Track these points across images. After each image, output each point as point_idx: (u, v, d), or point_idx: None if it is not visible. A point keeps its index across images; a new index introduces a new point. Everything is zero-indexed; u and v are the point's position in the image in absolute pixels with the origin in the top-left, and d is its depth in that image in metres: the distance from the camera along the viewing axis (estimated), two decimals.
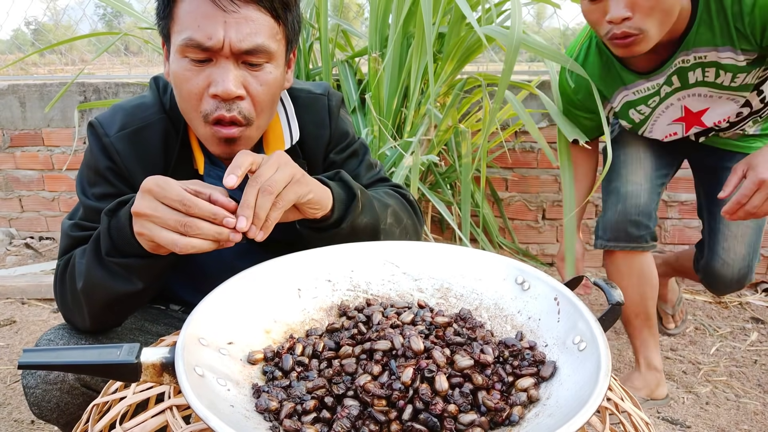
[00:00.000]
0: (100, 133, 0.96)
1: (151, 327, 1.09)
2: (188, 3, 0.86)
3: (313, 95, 1.11)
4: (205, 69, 0.88)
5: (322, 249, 0.84)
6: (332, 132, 1.12)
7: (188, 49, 0.86)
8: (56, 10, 3.58)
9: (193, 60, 0.87)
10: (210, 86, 0.87)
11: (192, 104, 0.90)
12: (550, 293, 0.72)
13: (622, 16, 1.15)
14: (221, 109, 0.88)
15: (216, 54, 0.86)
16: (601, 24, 1.21)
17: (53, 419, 0.92)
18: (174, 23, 0.88)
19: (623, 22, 1.16)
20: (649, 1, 1.14)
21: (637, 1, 1.14)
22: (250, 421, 0.58)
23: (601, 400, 0.53)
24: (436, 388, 0.59)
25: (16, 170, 2.93)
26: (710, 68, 1.31)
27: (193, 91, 0.88)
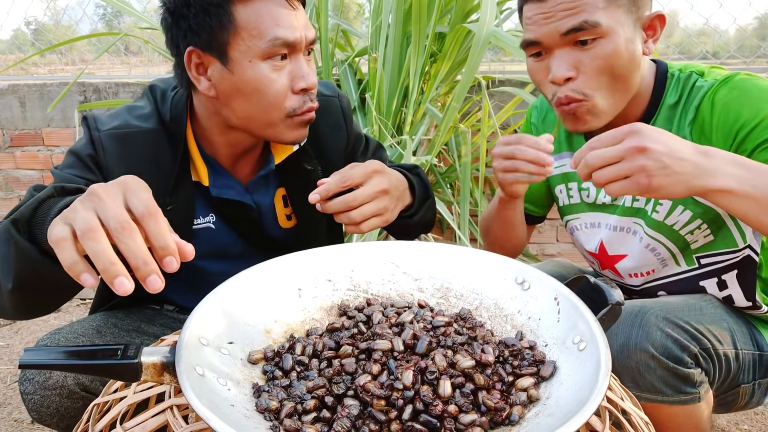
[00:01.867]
0: (92, 126, 0.97)
1: (147, 328, 1.09)
2: (257, 7, 0.89)
3: (326, 97, 1.14)
4: (285, 68, 0.92)
5: (323, 249, 0.84)
6: (349, 134, 1.17)
7: (275, 48, 0.89)
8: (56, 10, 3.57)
9: (277, 61, 0.91)
10: (294, 82, 0.93)
11: (278, 105, 0.93)
12: (550, 293, 0.73)
13: (564, 76, 0.93)
14: (308, 102, 0.95)
15: (295, 50, 0.92)
16: (546, 85, 0.98)
17: (53, 424, 0.92)
18: (238, 30, 0.88)
19: (566, 83, 0.94)
20: (596, 60, 0.91)
21: (582, 60, 0.92)
22: (251, 420, 0.58)
23: (601, 399, 0.53)
24: (440, 393, 0.59)
25: (16, 170, 2.93)
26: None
27: (281, 91, 0.92)
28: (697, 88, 0.97)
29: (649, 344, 0.91)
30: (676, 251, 1.05)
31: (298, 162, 1.09)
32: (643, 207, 1.05)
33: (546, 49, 0.95)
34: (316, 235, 1.15)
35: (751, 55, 2.76)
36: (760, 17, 2.87)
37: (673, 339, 0.92)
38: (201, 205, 1.05)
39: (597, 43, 0.91)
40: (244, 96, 0.92)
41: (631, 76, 0.95)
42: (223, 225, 1.08)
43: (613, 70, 0.92)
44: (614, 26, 0.90)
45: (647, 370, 0.92)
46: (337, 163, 1.14)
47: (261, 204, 1.10)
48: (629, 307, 0.96)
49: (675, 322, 0.93)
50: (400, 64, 1.97)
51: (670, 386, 0.93)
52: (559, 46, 0.93)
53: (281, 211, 1.14)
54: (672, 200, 1.00)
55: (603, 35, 0.91)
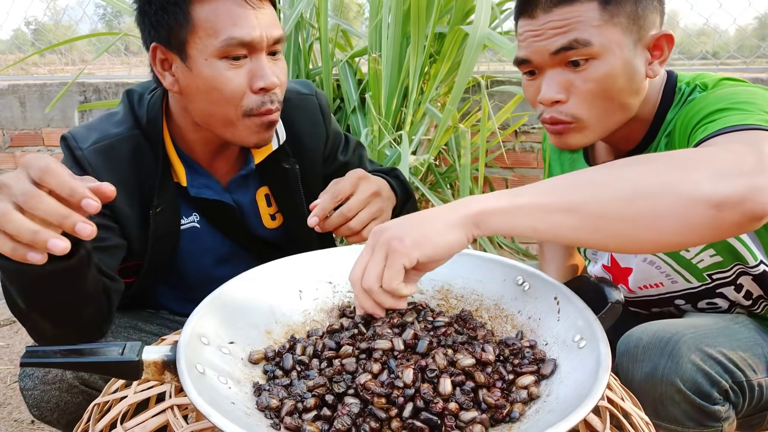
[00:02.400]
0: (73, 146, 0.96)
1: (144, 326, 1.10)
2: (214, 5, 0.88)
3: (303, 95, 1.14)
4: (243, 67, 0.91)
5: (323, 251, 0.84)
6: (328, 132, 1.17)
7: (230, 48, 0.88)
8: (56, 10, 3.58)
9: (232, 60, 0.89)
10: (253, 82, 0.91)
11: (234, 103, 0.91)
12: (550, 293, 0.73)
13: (552, 99, 0.87)
14: (267, 103, 0.93)
15: (253, 49, 0.90)
16: (536, 104, 0.93)
17: (53, 420, 0.92)
18: (195, 29, 0.88)
19: (554, 105, 0.89)
20: (587, 83, 0.85)
21: (574, 82, 0.86)
22: (251, 418, 0.58)
23: (601, 395, 0.53)
24: (440, 391, 0.59)
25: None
26: None
27: (237, 90, 0.91)
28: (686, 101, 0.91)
29: (677, 378, 0.84)
30: (679, 268, 1.00)
31: (278, 161, 1.09)
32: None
33: (537, 68, 0.90)
34: (305, 233, 1.14)
35: (751, 55, 2.76)
36: (760, 17, 2.88)
37: (704, 373, 0.85)
38: (184, 205, 1.05)
39: (589, 65, 0.85)
40: (202, 93, 0.92)
41: (629, 99, 0.88)
42: (207, 224, 1.08)
43: (606, 93, 0.86)
44: (609, 46, 0.84)
45: (671, 402, 0.86)
46: (316, 161, 1.15)
47: (241, 203, 1.10)
48: (660, 332, 0.89)
49: (708, 353, 0.87)
50: (400, 64, 1.97)
51: (693, 420, 0.87)
52: (550, 66, 0.88)
53: (265, 210, 1.13)
54: None
55: (596, 56, 0.84)
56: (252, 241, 1.13)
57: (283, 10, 2.18)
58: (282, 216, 1.15)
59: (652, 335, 0.89)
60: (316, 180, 1.16)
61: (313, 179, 1.15)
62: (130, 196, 0.97)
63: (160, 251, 1.02)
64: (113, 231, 0.96)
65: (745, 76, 2.34)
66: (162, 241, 1.01)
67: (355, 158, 1.24)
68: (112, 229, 0.96)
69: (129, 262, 1.01)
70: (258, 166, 1.08)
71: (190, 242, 1.07)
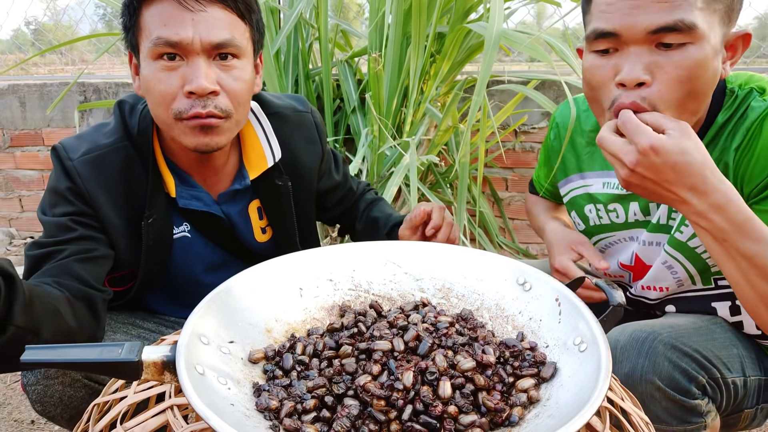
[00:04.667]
0: (63, 156, 0.96)
1: (141, 323, 1.11)
2: (154, 9, 0.90)
3: (300, 112, 1.16)
4: (178, 70, 0.90)
5: (324, 248, 0.84)
6: (324, 150, 1.19)
7: (158, 48, 0.89)
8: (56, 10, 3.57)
9: (165, 61, 0.90)
10: (184, 85, 0.90)
11: (165, 105, 0.91)
12: (552, 294, 0.72)
13: (638, 79, 0.77)
14: (196, 107, 0.90)
15: (187, 52, 0.89)
16: (607, 87, 0.82)
17: (57, 415, 0.92)
18: (142, 32, 0.91)
19: (637, 88, 0.79)
20: (679, 69, 0.76)
21: (663, 66, 0.77)
22: (251, 419, 0.58)
23: (601, 401, 0.53)
24: (440, 394, 0.59)
25: (16, 170, 2.93)
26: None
27: (166, 92, 0.90)
28: (751, 108, 0.85)
29: (655, 376, 0.86)
30: (694, 272, 0.99)
31: (272, 177, 1.10)
32: (667, 224, 0.98)
33: (620, 45, 0.80)
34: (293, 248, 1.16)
35: (751, 55, 2.76)
36: (760, 17, 2.87)
37: (681, 369, 0.87)
38: (175, 215, 1.06)
39: (685, 49, 0.76)
40: (148, 95, 0.94)
41: (706, 96, 0.81)
42: (197, 234, 1.09)
43: (693, 83, 0.77)
44: (707, 33, 0.76)
45: (652, 401, 0.87)
46: (311, 178, 1.17)
47: (231, 214, 1.10)
48: (637, 333, 0.90)
49: (684, 351, 0.88)
50: (400, 64, 1.97)
51: (676, 417, 0.88)
52: (638, 44, 0.78)
53: (257, 223, 1.14)
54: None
55: (694, 40, 0.76)
56: (243, 250, 1.14)
57: (283, 10, 2.18)
58: (272, 230, 1.16)
59: (629, 336, 0.90)
60: (309, 197, 1.18)
61: (305, 196, 1.17)
62: (120, 206, 0.98)
63: (154, 260, 1.03)
64: (100, 242, 0.96)
65: None
66: (155, 250, 1.02)
67: (342, 176, 1.27)
68: (98, 240, 0.96)
69: (121, 271, 1.02)
70: (252, 181, 1.09)
71: (181, 251, 1.08)
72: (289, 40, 2.15)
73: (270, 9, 2.10)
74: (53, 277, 0.87)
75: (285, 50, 2.16)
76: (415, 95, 1.98)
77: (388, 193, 1.79)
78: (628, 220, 1.04)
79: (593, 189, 1.07)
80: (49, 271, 0.89)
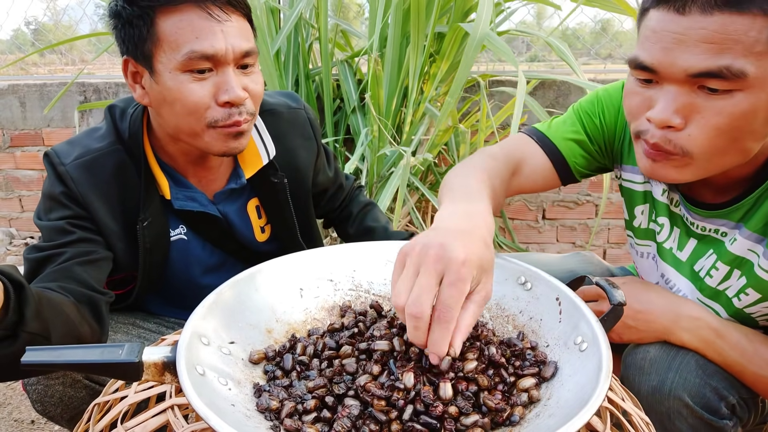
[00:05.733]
0: (55, 161, 0.96)
1: (142, 323, 1.11)
2: (177, 19, 0.88)
3: (293, 109, 1.16)
4: (208, 79, 0.90)
5: (324, 249, 0.84)
6: (318, 145, 1.20)
7: (192, 62, 0.88)
8: (56, 10, 3.57)
9: (196, 73, 0.89)
10: (218, 95, 0.91)
11: (197, 115, 0.91)
12: (552, 293, 0.72)
13: (667, 122, 0.71)
14: (234, 116, 0.92)
15: (219, 63, 0.90)
16: (640, 117, 0.76)
17: (57, 415, 0.92)
18: (160, 42, 0.89)
19: (665, 130, 0.73)
20: (719, 117, 0.68)
21: (701, 110, 0.69)
22: (251, 420, 0.58)
23: (602, 401, 0.53)
24: (440, 395, 0.59)
25: (16, 170, 2.93)
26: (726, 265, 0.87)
27: (200, 103, 0.91)
28: None
29: (685, 392, 0.81)
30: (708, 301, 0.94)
31: (267, 175, 1.10)
32: (716, 287, 0.90)
33: (659, 79, 0.72)
34: (293, 245, 1.16)
35: None
36: None
37: (712, 387, 0.82)
38: (171, 217, 1.06)
39: (730, 96, 0.68)
40: (168, 105, 0.92)
41: (753, 144, 0.72)
42: (194, 236, 1.09)
43: (735, 133, 0.69)
44: (763, 80, 0.66)
45: (678, 417, 0.82)
46: (306, 174, 1.17)
47: (228, 213, 1.11)
48: (668, 345, 0.86)
49: (716, 368, 0.84)
50: (400, 64, 1.97)
51: None
52: (677, 84, 0.70)
53: (256, 222, 1.15)
54: (762, 294, 0.85)
55: (744, 88, 0.67)
56: (242, 250, 1.14)
57: (283, 10, 2.18)
58: (271, 228, 1.16)
59: (660, 348, 0.87)
60: (306, 192, 1.18)
61: (302, 192, 1.17)
62: (114, 209, 0.98)
63: (152, 263, 1.03)
64: (99, 244, 0.97)
65: None
66: (152, 253, 1.02)
67: (333, 172, 1.28)
68: (97, 242, 0.96)
69: (120, 274, 1.02)
70: (248, 179, 1.09)
71: (178, 253, 1.08)
72: (289, 40, 2.15)
73: (270, 9, 2.10)
74: (56, 282, 0.87)
75: (285, 50, 2.16)
76: (414, 95, 1.98)
77: (388, 193, 1.79)
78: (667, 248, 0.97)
79: (651, 188, 0.98)
80: (51, 275, 0.89)
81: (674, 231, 0.95)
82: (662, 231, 0.96)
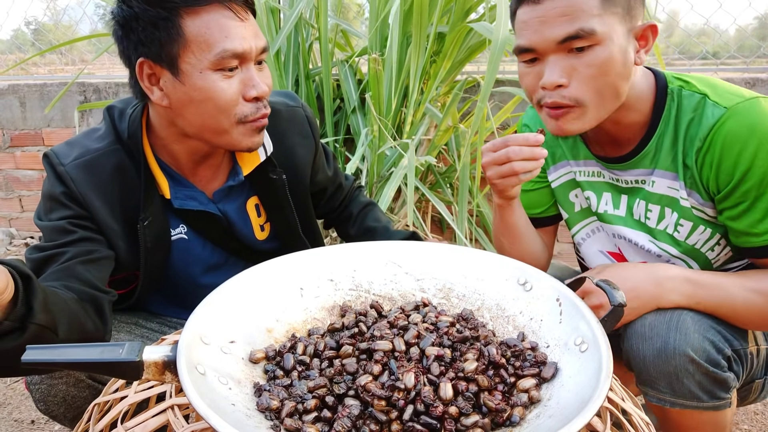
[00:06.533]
0: (54, 162, 0.96)
1: (145, 323, 1.11)
2: (205, 19, 0.89)
3: (291, 107, 1.18)
4: (235, 77, 0.93)
5: (325, 248, 0.84)
6: (317, 144, 1.20)
7: (224, 60, 0.90)
8: (56, 10, 3.57)
9: (226, 71, 0.91)
10: (246, 91, 0.94)
11: (227, 112, 0.93)
12: (552, 294, 0.73)
13: (555, 83, 0.91)
14: (261, 109, 0.96)
15: (245, 60, 0.93)
16: (535, 90, 0.96)
17: (60, 414, 0.93)
18: (188, 43, 0.89)
19: (557, 89, 0.92)
20: (590, 68, 0.89)
21: (576, 67, 0.90)
22: (251, 419, 0.58)
23: (602, 401, 0.53)
24: (441, 395, 0.59)
25: (16, 170, 2.93)
26: (656, 205, 1.02)
27: (231, 100, 0.93)
28: (706, 116, 0.93)
29: (689, 348, 0.88)
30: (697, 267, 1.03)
31: (265, 171, 1.11)
32: (656, 227, 1.03)
33: (540, 55, 0.93)
34: (294, 241, 1.16)
35: (751, 55, 2.76)
36: (760, 17, 2.88)
37: (710, 341, 0.90)
38: (171, 217, 1.06)
39: (592, 50, 0.89)
40: (196, 104, 0.92)
41: (622, 84, 0.93)
42: (194, 235, 1.09)
43: (605, 77, 0.90)
44: (609, 33, 0.88)
45: (686, 374, 0.89)
46: (305, 172, 1.17)
47: (228, 212, 1.11)
48: (662, 309, 0.93)
49: (709, 323, 0.92)
50: (400, 64, 1.97)
51: (707, 392, 0.91)
52: (553, 53, 0.91)
53: (255, 220, 1.15)
54: (693, 221, 0.99)
55: (598, 42, 0.89)
56: (243, 249, 1.14)
57: (283, 10, 2.18)
58: (271, 225, 1.16)
59: (655, 313, 0.93)
60: (305, 190, 1.19)
61: (301, 189, 1.17)
62: (115, 209, 0.98)
63: (153, 262, 1.03)
64: (100, 243, 0.97)
65: (745, 77, 2.34)
66: (153, 252, 1.02)
67: (333, 171, 1.28)
68: (98, 241, 0.97)
69: (121, 274, 1.02)
70: (247, 177, 1.09)
71: (179, 253, 1.08)
72: (289, 40, 2.15)
73: (270, 9, 2.10)
74: (59, 281, 0.88)
75: (285, 50, 2.16)
76: (415, 95, 1.98)
77: (388, 193, 1.79)
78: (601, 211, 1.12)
79: (577, 177, 1.15)
80: (53, 275, 0.89)
81: (604, 195, 1.10)
82: (592, 201, 1.13)
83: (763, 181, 0.88)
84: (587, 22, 0.87)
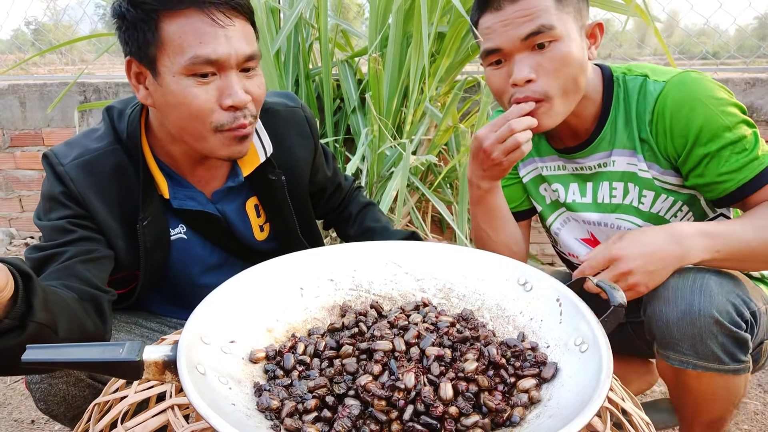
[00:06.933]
0: (54, 162, 0.96)
1: (145, 323, 1.11)
2: (181, 23, 0.88)
3: (291, 108, 1.17)
4: (211, 83, 0.91)
5: (325, 248, 0.84)
6: (316, 144, 1.20)
7: (195, 66, 0.88)
8: (56, 10, 3.57)
9: (200, 77, 0.90)
10: (222, 99, 0.91)
11: (202, 119, 0.92)
12: (553, 294, 0.73)
13: (526, 78, 0.97)
14: (239, 119, 0.93)
15: (223, 68, 0.91)
16: (505, 91, 1.02)
17: (60, 414, 0.93)
18: (164, 46, 0.89)
19: (527, 84, 0.99)
20: (553, 62, 0.97)
21: (541, 62, 0.98)
22: (252, 419, 0.58)
23: (602, 402, 0.53)
24: (441, 396, 0.59)
25: (16, 170, 2.93)
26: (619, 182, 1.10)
27: (204, 107, 0.91)
28: (650, 92, 1.03)
29: (714, 309, 0.91)
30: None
31: (265, 172, 1.10)
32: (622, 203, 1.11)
33: (506, 56, 1.01)
34: (293, 242, 1.16)
35: (751, 55, 2.76)
36: (760, 17, 2.88)
37: (732, 304, 0.92)
38: (170, 217, 1.06)
39: (553, 46, 0.97)
40: (172, 108, 0.92)
41: (581, 78, 1.01)
42: (194, 235, 1.09)
43: (567, 70, 0.98)
44: (566, 31, 0.98)
45: (710, 336, 0.91)
46: (304, 172, 1.17)
47: (227, 212, 1.11)
48: (684, 273, 0.95)
49: (732, 287, 0.94)
50: (400, 64, 1.97)
51: (729, 354, 0.93)
52: (519, 51, 0.98)
53: (255, 221, 1.15)
54: (655, 191, 1.07)
55: (557, 38, 0.97)
56: (242, 249, 1.14)
57: (283, 10, 2.18)
58: (270, 226, 1.16)
59: (677, 276, 0.95)
60: (305, 190, 1.18)
61: (301, 189, 1.17)
62: (114, 209, 0.98)
63: (153, 262, 1.03)
64: (100, 242, 0.97)
65: (745, 77, 2.34)
66: (153, 252, 1.02)
67: (332, 171, 1.28)
68: (98, 240, 0.96)
69: (121, 273, 1.02)
70: (246, 178, 1.09)
71: (178, 253, 1.08)
72: (289, 40, 2.15)
73: (270, 9, 2.10)
74: (59, 281, 0.87)
75: (285, 50, 2.16)
76: (415, 95, 1.98)
77: (388, 193, 1.79)
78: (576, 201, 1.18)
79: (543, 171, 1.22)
80: (53, 274, 0.89)
81: (570, 186, 1.18)
82: (560, 193, 1.19)
83: (715, 132, 0.96)
84: (547, 20, 0.96)
